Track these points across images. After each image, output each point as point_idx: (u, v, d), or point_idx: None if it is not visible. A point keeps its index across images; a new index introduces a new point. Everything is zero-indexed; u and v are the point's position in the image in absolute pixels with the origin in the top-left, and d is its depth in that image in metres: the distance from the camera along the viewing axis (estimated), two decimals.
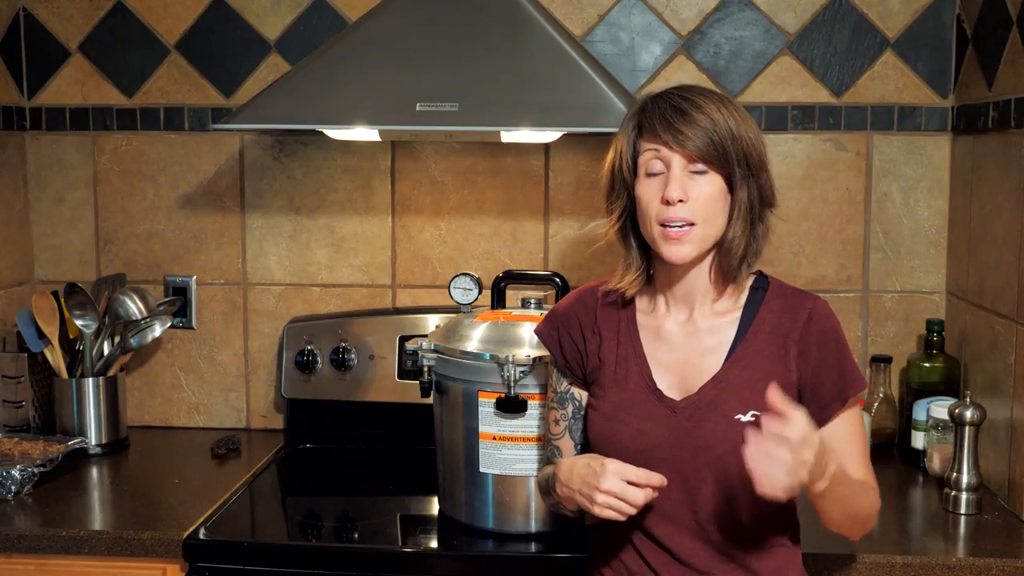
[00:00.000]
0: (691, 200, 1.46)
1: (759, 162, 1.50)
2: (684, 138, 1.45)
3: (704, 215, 1.47)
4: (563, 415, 1.66)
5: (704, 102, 1.48)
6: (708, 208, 1.47)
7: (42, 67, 2.51)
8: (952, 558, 1.76)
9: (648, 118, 1.49)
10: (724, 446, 1.48)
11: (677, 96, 1.49)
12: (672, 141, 1.46)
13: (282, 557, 1.85)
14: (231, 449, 2.37)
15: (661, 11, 2.38)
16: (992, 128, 2.09)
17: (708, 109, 1.47)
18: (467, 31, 2.05)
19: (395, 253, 2.49)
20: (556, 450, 1.68)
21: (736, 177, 1.48)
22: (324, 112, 2.03)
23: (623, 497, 1.43)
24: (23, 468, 2.03)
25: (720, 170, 1.47)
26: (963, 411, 1.95)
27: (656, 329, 1.58)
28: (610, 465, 1.45)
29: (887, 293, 2.41)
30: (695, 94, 1.49)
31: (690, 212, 1.46)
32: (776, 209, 1.56)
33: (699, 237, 1.48)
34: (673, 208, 1.46)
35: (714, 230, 1.49)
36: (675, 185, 1.46)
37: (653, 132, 1.48)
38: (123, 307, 2.36)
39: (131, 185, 2.52)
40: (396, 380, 2.37)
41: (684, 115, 1.46)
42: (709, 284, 1.55)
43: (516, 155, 2.44)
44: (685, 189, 1.46)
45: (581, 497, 1.49)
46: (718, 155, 1.46)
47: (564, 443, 1.67)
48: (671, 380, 1.55)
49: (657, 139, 1.48)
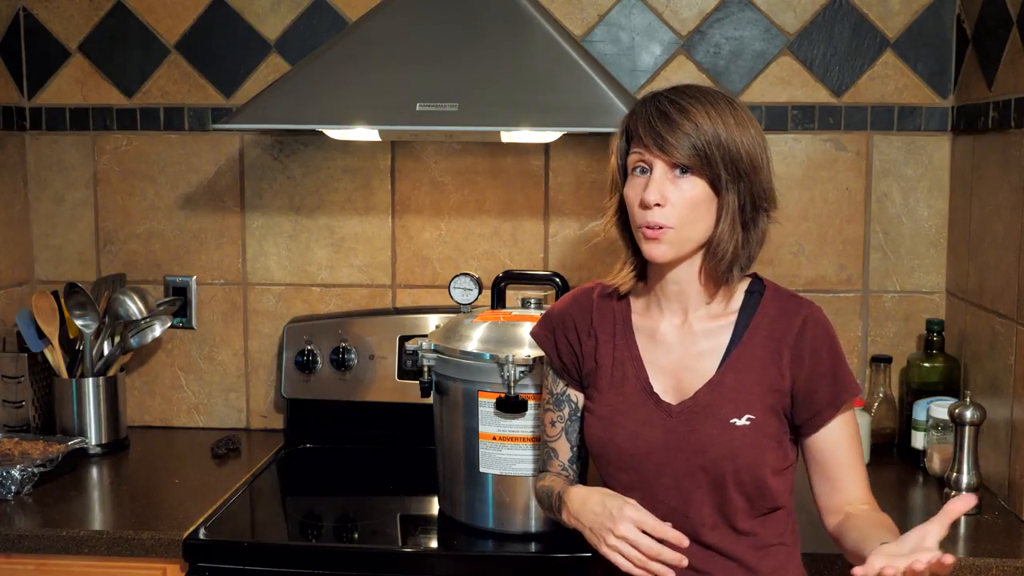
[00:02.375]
0: (669, 204, 1.46)
1: (750, 165, 1.48)
2: (664, 143, 1.45)
3: (681, 219, 1.46)
4: (559, 417, 1.66)
5: (692, 105, 1.46)
6: (686, 212, 1.46)
7: (42, 67, 2.51)
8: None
9: (635, 122, 1.50)
10: (719, 450, 1.48)
11: (666, 99, 1.48)
12: (653, 146, 1.46)
13: (282, 557, 1.85)
14: (231, 449, 2.37)
15: (661, 11, 2.38)
16: (992, 128, 2.09)
17: (693, 113, 1.45)
18: (467, 31, 2.05)
19: (395, 253, 2.49)
20: (552, 452, 1.67)
21: (721, 181, 1.46)
22: (324, 112, 2.02)
23: (637, 545, 1.40)
24: (23, 468, 2.03)
25: (702, 175, 1.46)
26: (963, 411, 1.95)
27: (652, 331, 1.58)
28: (628, 511, 1.42)
29: (887, 293, 2.41)
30: (686, 97, 1.48)
31: (664, 216, 1.46)
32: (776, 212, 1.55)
33: (676, 239, 1.47)
34: (650, 212, 1.46)
35: (696, 233, 1.48)
36: (652, 188, 1.46)
37: (638, 136, 1.49)
38: (123, 307, 2.36)
39: (131, 185, 2.53)
40: (396, 380, 2.37)
41: (668, 120, 1.46)
42: (700, 286, 1.54)
43: (516, 155, 2.44)
44: (664, 193, 1.46)
45: (591, 535, 1.46)
46: (700, 160, 1.45)
47: (560, 445, 1.67)
48: (667, 383, 1.55)
49: (640, 143, 1.48)
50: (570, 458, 1.67)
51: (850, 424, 1.54)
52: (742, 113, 1.49)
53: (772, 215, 1.54)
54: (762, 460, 1.49)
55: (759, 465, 1.49)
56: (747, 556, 1.52)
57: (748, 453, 1.48)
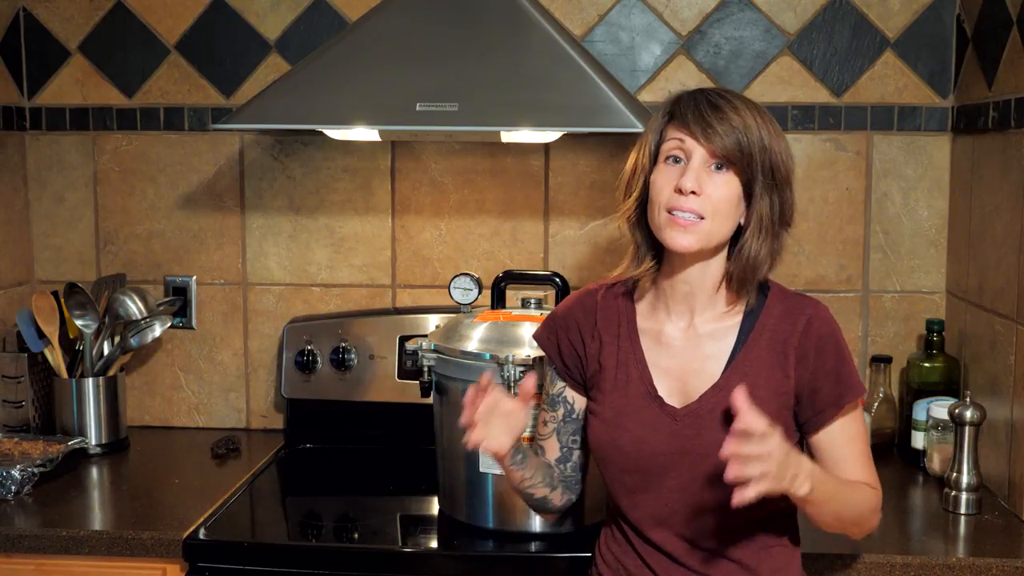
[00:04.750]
0: (704, 195, 1.44)
1: (785, 178, 1.48)
2: (712, 132, 1.44)
3: (715, 211, 1.45)
4: (552, 417, 1.66)
5: (741, 106, 1.46)
6: (720, 206, 1.45)
7: (42, 67, 2.51)
8: (952, 558, 1.76)
9: (681, 108, 1.48)
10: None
11: (715, 94, 1.48)
12: (700, 133, 1.44)
13: (282, 557, 1.85)
14: (231, 449, 2.36)
15: (661, 11, 2.38)
16: (992, 128, 2.09)
17: (744, 113, 1.45)
18: (467, 31, 2.05)
19: (395, 253, 2.49)
20: (540, 449, 1.67)
21: (758, 185, 1.45)
22: (324, 112, 2.02)
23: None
24: (23, 468, 2.03)
25: (741, 173, 1.45)
26: (963, 411, 1.95)
27: (657, 334, 1.57)
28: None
29: (887, 293, 2.41)
30: (735, 97, 1.48)
31: (700, 206, 1.44)
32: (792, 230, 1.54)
33: (706, 232, 1.45)
34: (684, 198, 1.44)
35: (723, 230, 1.47)
36: (691, 175, 1.44)
37: (683, 121, 1.46)
38: (123, 307, 2.36)
39: (131, 185, 2.53)
40: (396, 380, 2.37)
41: (718, 111, 1.45)
42: (713, 289, 1.53)
43: (516, 155, 2.44)
44: (700, 182, 1.44)
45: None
46: (743, 157, 1.44)
47: (550, 444, 1.66)
48: (671, 386, 1.54)
49: (685, 128, 1.46)
50: (558, 458, 1.65)
51: (853, 425, 1.53)
52: (778, 127, 1.50)
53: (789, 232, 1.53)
54: None
55: None
56: (748, 557, 1.53)
57: None
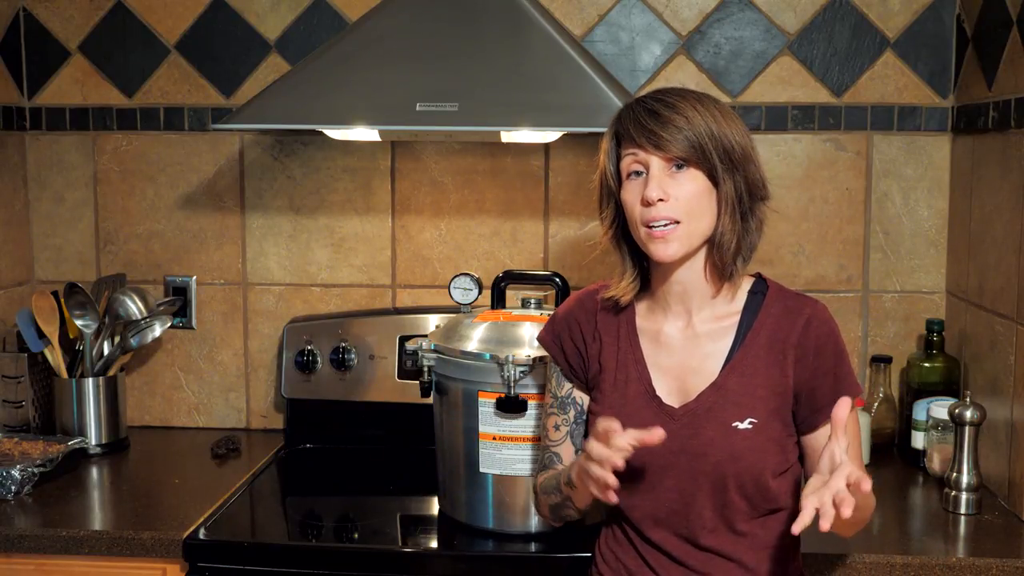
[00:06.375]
0: (672, 198, 1.46)
1: (743, 155, 1.49)
2: (659, 139, 1.46)
3: (687, 212, 1.47)
4: (564, 420, 1.66)
5: (678, 102, 1.48)
6: (691, 205, 1.47)
7: (42, 67, 2.51)
8: (952, 558, 1.76)
9: (623, 125, 1.51)
10: (721, 454, 1.48)
11: (651, 100, 1.50)
12: (648, 143, 1.47)
13: (282, 557, 1.85)
14: (231, 449, 2.36)
15: (661, 11, 2.38)
16: (992, 128, 2.09)
17: (682, 108, 1.47)
18: (467, 31, 2.05)
19: (395, 253, 2.49)
20: (555, 456, 1.67)
21: (719, 172, 1.47)
22: (324, 112, 2.03)
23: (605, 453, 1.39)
24: (23, 468, 2.03)
25: (700, 167, 1.47)
26: (963, 411, 1.95)
27: (655, 334, 1.58)
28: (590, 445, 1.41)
29: (887, 293, 2.41)
30: (670, 95, 1.50)
31: (671, 210, 1.46)
32: (772, 203, 1.55)
33: (685, 234, 1.47)
34: (655, 208, 1.46)
35: (701, 226, 1.49)
36: (653, 185, 1.46)
37: (629, 137, 1.49)
38: (123, 307, 2.36)
39: (131, 185, 2.53)
40: (396, 380, 2.37)
41: (657, 117, 1.47)
42: (705, 283, 1.54)
43: (516, 155, 2.44)
44: (664, 188, 1.46)
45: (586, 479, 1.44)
46: (695, 152, 1.46)
47: (564, 449, 1.66)
48: (670, 385, 1.55)
49: (633, 143, 1.49)
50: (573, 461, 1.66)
51: (851, 423, 1.53)
52: (726, 108, 1.52)
53: (768, 204, 1.55)
54: (763, 463, 1.49)
55: (760, 468, 1.49)
56: (747, 557, 1.53)
57: (749, 456, 1.48)
